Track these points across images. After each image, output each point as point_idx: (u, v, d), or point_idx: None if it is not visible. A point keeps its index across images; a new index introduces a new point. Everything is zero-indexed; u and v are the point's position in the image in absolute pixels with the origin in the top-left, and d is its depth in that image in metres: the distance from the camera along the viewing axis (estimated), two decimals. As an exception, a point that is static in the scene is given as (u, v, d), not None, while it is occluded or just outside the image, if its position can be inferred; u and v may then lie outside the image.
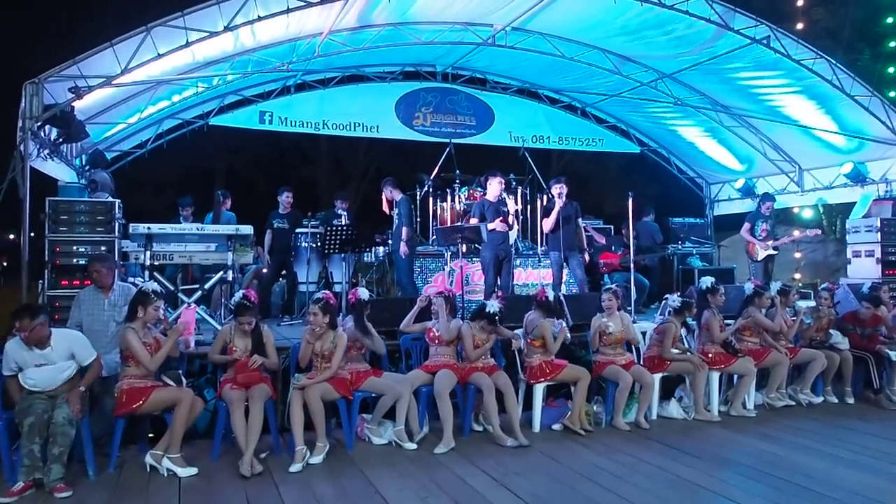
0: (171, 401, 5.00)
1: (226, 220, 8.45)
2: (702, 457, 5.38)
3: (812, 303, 7.94)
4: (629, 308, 7.62)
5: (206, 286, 6.51)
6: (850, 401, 7.05)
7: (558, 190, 8.11)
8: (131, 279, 6.79)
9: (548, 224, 8.12)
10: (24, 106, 5.62)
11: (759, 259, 9.55)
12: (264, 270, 8.79)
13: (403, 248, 7.94)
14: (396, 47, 9.08)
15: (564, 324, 6.34)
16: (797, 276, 14.16)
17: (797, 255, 14.69)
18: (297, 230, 8.77)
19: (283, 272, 8.84)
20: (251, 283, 8.72)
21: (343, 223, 8.36)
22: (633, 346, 6.75)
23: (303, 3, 6.26)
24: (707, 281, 6.87)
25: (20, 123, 5.66)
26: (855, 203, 10.09)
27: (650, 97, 10.12)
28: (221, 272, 6.53)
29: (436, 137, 11.02)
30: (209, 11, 6.08)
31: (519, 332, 6.42)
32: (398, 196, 8.25)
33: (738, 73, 9.18)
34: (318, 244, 8.65)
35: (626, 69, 9.82)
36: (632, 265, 8.14)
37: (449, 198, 9.52)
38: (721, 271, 10.50)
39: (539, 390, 6.17)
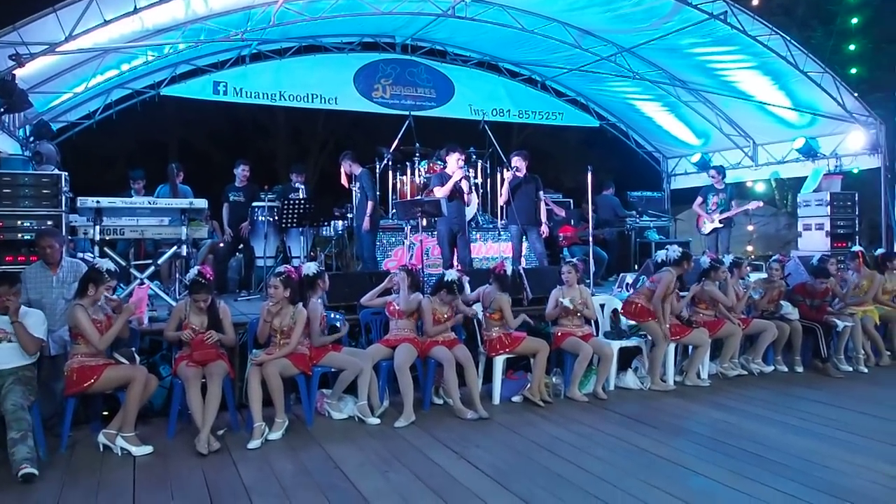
0: (123, 379, 4.88)
1: (182, 193, 8.24)
2: (658, 426, 5.47)
3: (763, 275, 8.11)
4: (588, 281, 7.67)
5: (160, 261, 6.35)
6: (800, 369, 7.25)
7: (517, 162, 8.09)
8: (80, 254, 6.59)
9: (503, 195, 8.12)
10: (-41, 77, 5.37)
11: (705, 232, 9.74)
12: (221, 245, 8.63)
13: (366, 223, 7.85)
14: (354, 17, 8.88)
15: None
16: (749, 248, 14.47)
17: (749, 228, 14.99)
18: (254, 204, 8.58)
19: (240, 246, 8.68)
20: (207, 258, 8.56)
21: (300, 196, 8.21)
22: (590, 320, 6.80)
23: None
24: (660, 254, 6.93)
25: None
26: (806, 177, 10.31)
27: (609, 71, 10.13)
28: (175, 247, 6.36)
29: (395, 110, 10.90)
30: (157, -24, 5.87)
31: (477, 305, 6.44)
32: (357, 170, 8.13)
33: (695, 49, 9.25)
34: (276, 218, 8.49)
35: (585, 42, 9.80)
36: (591, 238, 8.18)
37: (409, 171, 9.44)
38: (678, 243, 10.63)
39: (499, 363, 6.20)
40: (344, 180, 8.59)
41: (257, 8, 8.02)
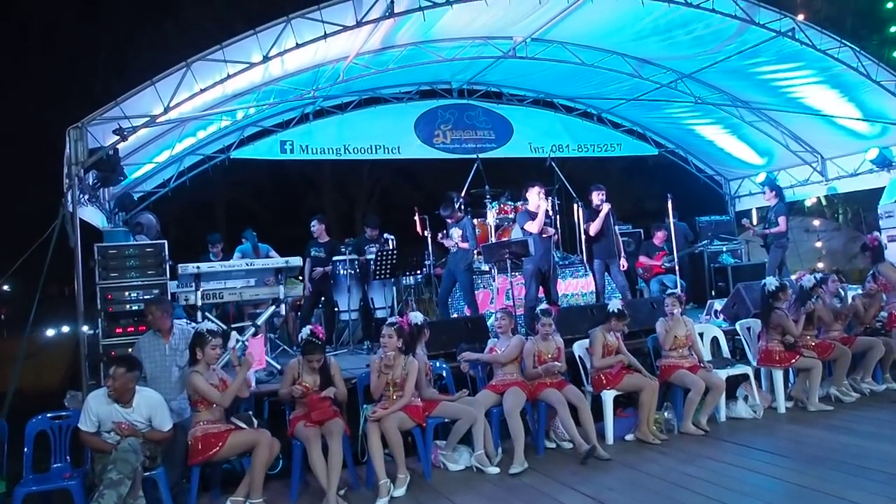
0: (248, 444, 4.85)
1: (263, 253, 8.33)
2: (789, 455, 5.27)
3: (857, 289, 7.86)
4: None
5: (259, 321, 6.36)
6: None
7: (600, 196, 8.06)
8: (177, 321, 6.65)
9: (593, 229, 8.06)
10: (68, 151, 5.49)
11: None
12: (300, 301, 8.65)
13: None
14: (413, 67, 9.01)
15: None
16: (820, 265, 14.09)
17: (818, 244, 14.66)
18: (335, 258, 8.62)
19: (321, 300, 8.69)
20: (289, 315, 8.60)
21: (391, 248, 8.23)
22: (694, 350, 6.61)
23: (339, 28, 6.17)
24: (772, 282, 6.75)
25: (66, 170, 5.53)
26: (882, 189, 10.05)
27: (669, 98, 10.06)
28: (274, 306, 6.39)
29: (457, 154, 10.96)
30: (246, 42, 6.00)
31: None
32: (458, 217, 8.16)
33: (759, 68, 9.13)
34: (357, 270, 8.52)
35: (645, 71, 9.77)
36: (677, 268, 8.04)
37: (482, 213, 9.42)
38: (754, 266, 10.42)
39: (608, 399, 6.04)
40: (419, 228, 8.60)
41: (326, 66, 8.20)
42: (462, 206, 8.93)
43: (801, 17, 13.91)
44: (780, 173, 11.63)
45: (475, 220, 9.44)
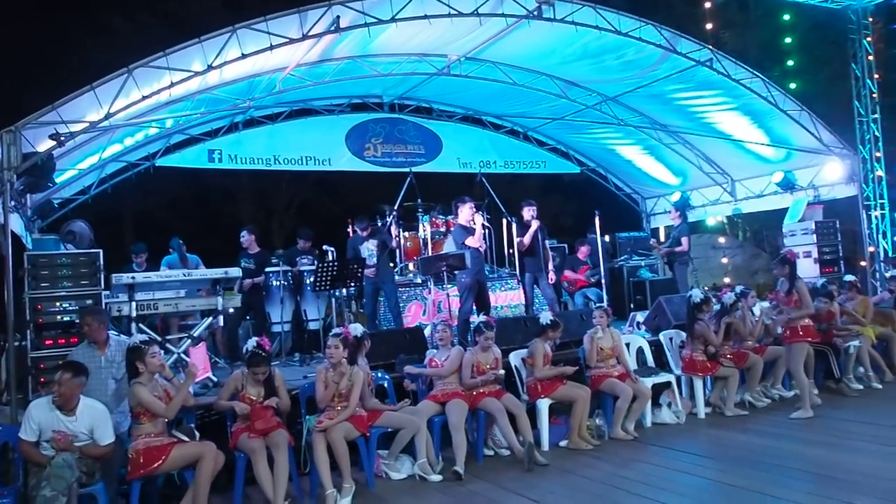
0: (192, 457, 4.74)
1: (192, 263, 8.14)
2: (715, 457, 5.62)
3: (765, 303, 8.40)
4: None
5: (196, 333, 6.24)
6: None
7: (531, 212, 8.32)
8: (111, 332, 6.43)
9: (524, 243, 8.29)
10: (1, 156, 5.25)
11: None
12: (230, 311, 8.49)
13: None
14: (347, 80, 9.06)
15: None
16: (727, 279, 14.95)
17: (724, 260, 15.55)
18: (267, 269, 8.52)
19: (249, 313, 8.55)
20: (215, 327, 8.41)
21: (331, 260, 8.20)
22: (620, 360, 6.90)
23: (285, 40, 6.18)
24: (697, 295, 7.14)
25: (-2, 175, 5.29)
26: (785, 209, 10.82)
27: (594, 119, 10.52)
28: (210, 318, 6.28)
29: (387, 167, 11.08)
30: (190, 50, 5.92)
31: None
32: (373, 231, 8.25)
33: (678, 94, 9.73)
34: (290, 282, 8.45)
35: (571, 93, 10.19)
36: (604, 283, 8.39)
37: (413, 227, 9.54)
38: (670, 281, 10.96)
39: (544, 408, 6.25)
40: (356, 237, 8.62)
41: (262, 76, 8.15)
42: (391, 220, 9.05)
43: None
44: (693, 193, 12.33)
45: (406, 234, 9.58)
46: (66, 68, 13.24)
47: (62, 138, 5.39)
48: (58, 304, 5.53)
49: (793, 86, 15.57)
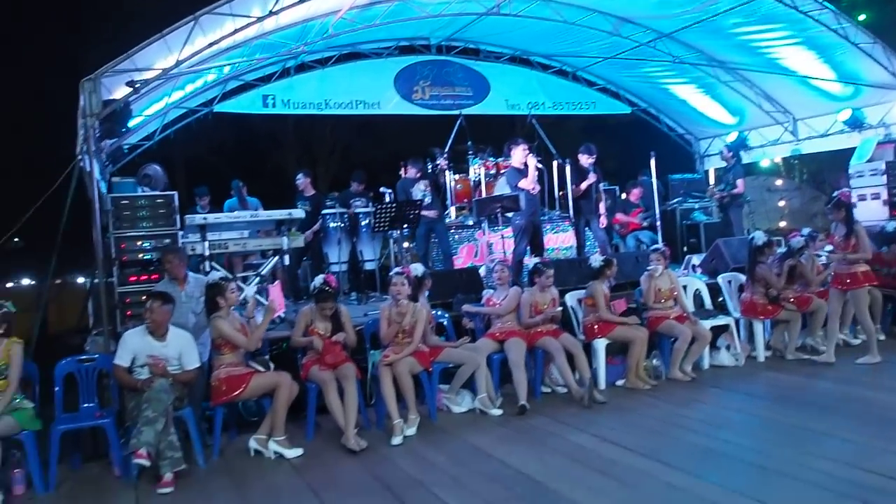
0: (270, 385, 5.03)
1: (251, 206, 8.37)
2: (775, 399, 5.69)
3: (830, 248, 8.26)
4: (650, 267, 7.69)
5: (263, 271, 6.48)
6: (882, 337, 7.28)
7: (590, 160, 8.31)
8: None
9: (579, 191, 8.28)
10: (82, 103, 5.46)
11: None
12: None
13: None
14: (395, 23, 8.98)
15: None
16: (783, 223, 14.70)
17: (781, 203, 15.26)
18: (325, 211, 8.71)
19: (307, 254, 8.76)
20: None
21: (389, 202, 8.32)
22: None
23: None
24: (760, 237, 7.06)
25: (80, 122, 5.50)
26: (850, 149, 10.46)
27: (648, 57, 10.28)
28: (276, 257, 6.50)
29: (435, 110, 11.04)
30: (254, -4, 6.01)
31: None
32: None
33: (739, 28, 9.36)
34: (346, 224, 8.63)
35: (624, 30, 9.92)
36: (658, 225, 8.36)
37: (464, 170, 9.58)
38: (722, 224, 10.81)
39: (600, 347, 6.36)
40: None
41: (315, 20, 8.15)
42: (446, 162, 9.09)
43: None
44: (750, 133, 12.02)
45: (456, 176, 9.63)
46: (136, 15, 13.49)
47: (138, 85, 5.55)
48: (139, 243, 5.85)
49: (862, 17, 14.92)
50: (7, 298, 4.73)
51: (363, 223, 8.77)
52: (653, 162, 8.26)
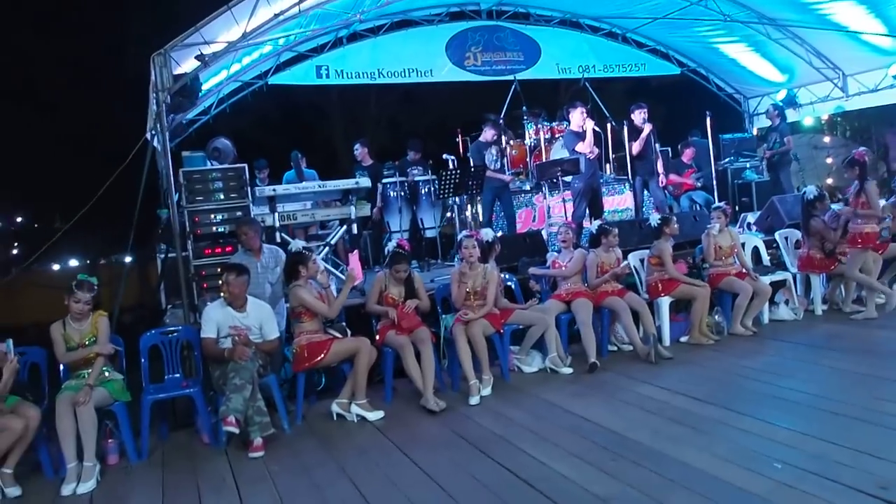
0: (350, 351, 5.23)
1: (308, 177, 8.56)
2: (836, 349, 5.77)
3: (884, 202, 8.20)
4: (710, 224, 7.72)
5: (332, 240, 6.70)
6: None
7: (642, 115, 8.30)
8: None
9: (636, 148, 8.32)
10: (153, 78, 5.66)
11: None
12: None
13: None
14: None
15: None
16: (829, 181, 14.50)
17: (828, 160, 15.02)
18: (385, 180, 8.90)
19: (367, 225, 8.98)
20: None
21: (452, 168, 8.46)
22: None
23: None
24: (811, 191, 7.07)
25: (152, 96, 5.69)
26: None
27: (698, 16, 10.15)
28: (343, 226, 6.70)
29: (488, 76, 11.07)
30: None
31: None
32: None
33: (790, -16, 9.26)
34: (407, 192, 8.80)
35: (675, -12, 9.84)
36: (714, 184, 8.37)
37: (519, 135, 9.65)
38: (772, 182, 10.74)
39: (664, 305, 6.48)
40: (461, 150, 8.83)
41: (371, -14, 8.23)
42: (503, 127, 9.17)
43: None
44: (800, 90, 11.85)
45: (511, 142, 9.71)
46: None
47: (206, 59, 5.73)
48: (212, 216, 6.01)
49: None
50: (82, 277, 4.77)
51: (423, 191, 8.92)
52: (708, 122, 8.23)
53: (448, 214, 9.11)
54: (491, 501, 3.58)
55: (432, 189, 8.88)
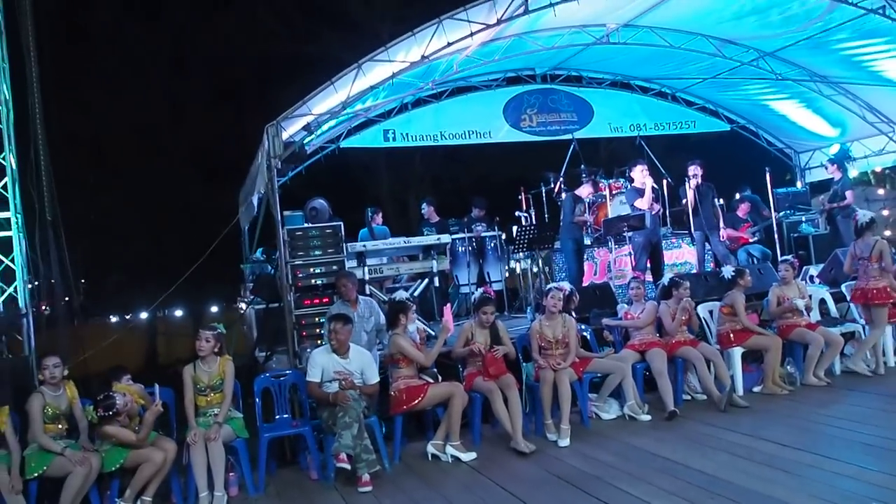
0: (445, 395, 5.54)
1: (379, 234, 9.03)
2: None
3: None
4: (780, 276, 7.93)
5: (416, 293, 7.09)
6: None
7: (693, 171, 8.63)
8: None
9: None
10: (266, 146, 6.22)
11: None
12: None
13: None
14: (510, 57, 9.55)
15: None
16: (887, 232, 14.50)
17: (885, 212, 15.04)
18: (455, 237, 9.32)
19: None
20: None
21: (529, 224, 8.88)
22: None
23: (482, 26, 6.84)
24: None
25: (266, 163, 6.25)
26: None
27: (748, 75, 10.54)
28: (427, 279, 7.10)
29: (543, 136, 11.56)
30: (404, 42, 6.68)
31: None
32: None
33: (842, 44, 9.58)
34: (474, 247, 9.21)
35: (727, 51, 10.22)
36: (776, 237, 8.61)
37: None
38: (830, 235, 10.88)
39: (737, 355, 6.68)
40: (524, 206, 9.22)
41: (441, 59, 8.80)
42: (561, 185, 9.58)
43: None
44: (853, 144, 12.08)
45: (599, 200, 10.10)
46: (307, 62, 15.09)
47: (312, 127, 6.29)
48: (311, 269, 6.50)
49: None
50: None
51: (489, 246, 9.33)
52: (767, 176, 8.52)
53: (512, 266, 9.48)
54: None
55: (498, 244, 9.27)
